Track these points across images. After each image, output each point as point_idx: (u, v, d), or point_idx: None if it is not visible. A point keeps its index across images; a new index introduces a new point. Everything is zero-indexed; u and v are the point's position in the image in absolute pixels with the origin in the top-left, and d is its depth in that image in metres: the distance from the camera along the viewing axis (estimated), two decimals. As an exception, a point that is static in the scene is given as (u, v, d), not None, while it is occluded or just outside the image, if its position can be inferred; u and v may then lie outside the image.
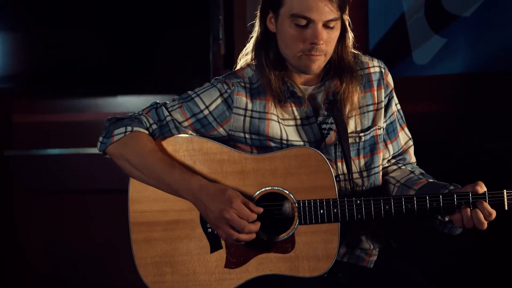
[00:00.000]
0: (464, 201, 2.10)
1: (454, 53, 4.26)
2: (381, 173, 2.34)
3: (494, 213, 2.08)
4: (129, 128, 2.23)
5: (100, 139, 2.27)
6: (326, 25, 2.14)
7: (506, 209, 2.09)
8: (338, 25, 2.18)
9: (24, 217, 4.50)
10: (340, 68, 2.25)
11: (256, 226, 2.12)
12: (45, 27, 4.29)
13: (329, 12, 2.12)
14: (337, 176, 2.24)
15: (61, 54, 4.30)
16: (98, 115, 4.45)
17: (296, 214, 2.18)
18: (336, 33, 2.18)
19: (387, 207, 2.14)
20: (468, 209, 2.09)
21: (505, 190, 2.10)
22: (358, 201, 2.15)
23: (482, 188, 2.11)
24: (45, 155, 4.41)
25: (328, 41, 2.16)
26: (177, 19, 4.29)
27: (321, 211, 2.16)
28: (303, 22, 2.13)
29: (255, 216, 2.12)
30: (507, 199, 2.08)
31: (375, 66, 2.34)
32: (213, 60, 4.28)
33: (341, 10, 2.16)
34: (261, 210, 2.15)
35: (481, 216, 2.07)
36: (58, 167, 4.41)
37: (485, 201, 2.09)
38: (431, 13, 4.28)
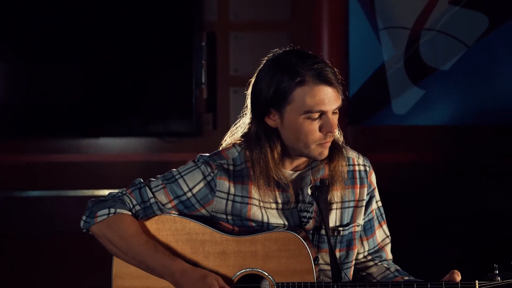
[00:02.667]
0: None
1: (432, 105, 4.35)
2: (352, 268, 2.40)
3: None
4: (112, 210, 2.28)
5: (84, 218, 2.30)
6: (333, 112, 2.22)
7: None
8: None
9: (5, 260, 4.49)
10: (330, 147, 2.29)
11: None
12: (27, 69, 4.33)
13: (336, 99, 2.20)
14: (315, 259, 2.30)
15: (43, 96, 4.34)
16: (80, 156, 4.45)
17: (275, 296, 2.25)
18: (338, 115, 2.25)
19: (362, 293, 2.21)
20: None
21: (477, 281, 2.18)
22: (336, 286, 2.21)
23: (457, 277, 2.18)
24: (26, 197, 4.41)
25: (336, 125, 2.24)
26: (161, 63, 4.35)
27: (299, 294, 2.23)
28: (316, 115, 2.19)
29: None
30: None
31: (360, 165, 2.39)
32: (195, 104, 4.35)
33: (342, 92, 2.23)
34: None
35: None
36: (39, 209, 4.40)
37: None
38: (410, 65, 4.36)
